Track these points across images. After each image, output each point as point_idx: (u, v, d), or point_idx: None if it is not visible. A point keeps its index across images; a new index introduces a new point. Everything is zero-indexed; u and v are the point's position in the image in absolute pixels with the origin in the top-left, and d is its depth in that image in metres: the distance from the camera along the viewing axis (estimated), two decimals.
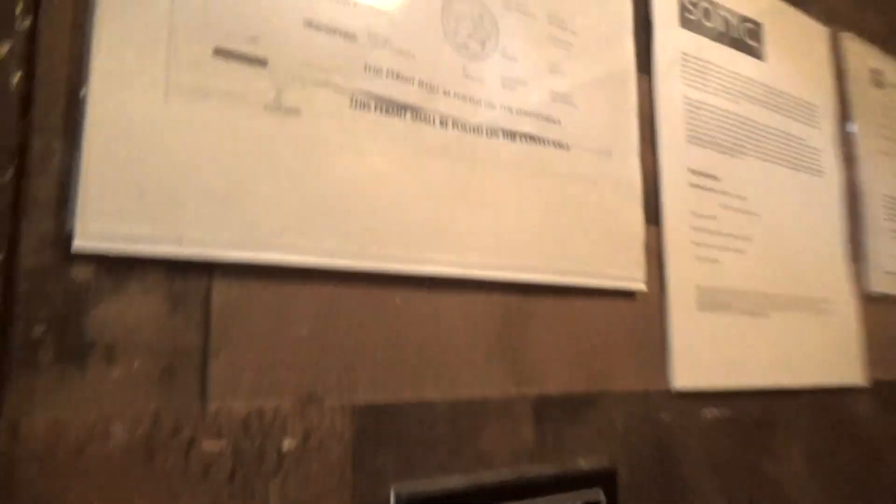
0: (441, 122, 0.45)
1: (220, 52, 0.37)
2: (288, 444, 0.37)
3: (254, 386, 0.36)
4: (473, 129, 0.47)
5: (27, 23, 0.32)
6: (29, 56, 0.32)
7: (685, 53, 0.64)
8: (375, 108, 0.42)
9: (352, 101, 0.41)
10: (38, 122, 0.32)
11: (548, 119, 0.51)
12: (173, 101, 0.35)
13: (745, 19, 0.71)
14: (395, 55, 0.44)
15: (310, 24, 0.40)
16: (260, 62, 0.38)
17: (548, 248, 0.49)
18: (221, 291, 0.36)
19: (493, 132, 0.48)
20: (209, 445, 0.35)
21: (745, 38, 0.70)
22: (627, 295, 0.55)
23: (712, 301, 0.61)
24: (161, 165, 0.34)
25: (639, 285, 0.55)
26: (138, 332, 0.34)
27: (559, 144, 0.52)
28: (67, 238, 0.32)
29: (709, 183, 0.63)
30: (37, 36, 0.33)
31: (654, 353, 0.56)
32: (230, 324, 0.36)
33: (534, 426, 0.47)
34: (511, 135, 0.49)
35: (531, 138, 0.50)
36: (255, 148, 0.37)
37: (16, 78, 0.32)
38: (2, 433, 0.30)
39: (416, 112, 0.44)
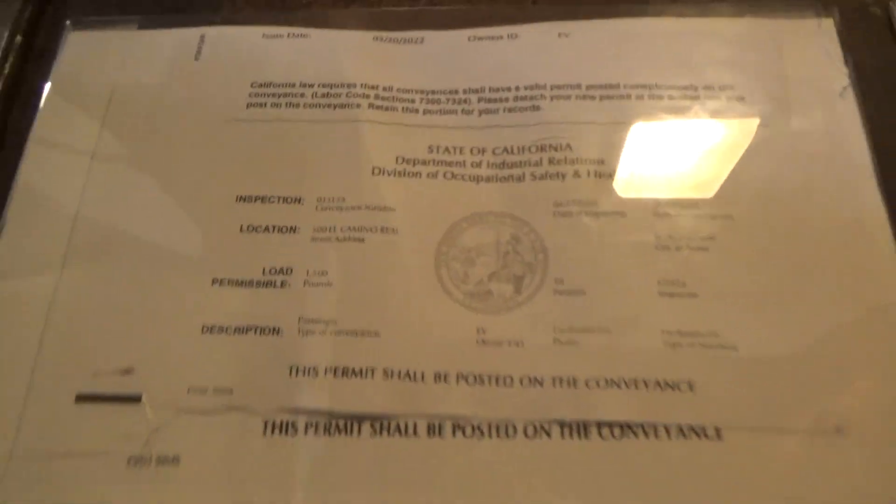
0: (430, 429, 0.28)
1: (83, 398, 0.29)
2: None
3: None
4: (498, 429, 0.28)
5: None
6: None
7: None
8: (306, 429, 0.28)
9: (266, 425, 0.28)
10: None
11: (663, 384, 0.28)
12: (10, 479, 0.28)
13: None
14: (344, 341, 0.30)
15: (210, 329, 0.30)
16: (131, 399, 0.29)
17: None
18: None
19: (540, 428, 0.28)
20: None
21: None
22: None
23: None
24: None
25: None
26: None
27: (696, 431, 0.27)
28: None
29: None
30: None
31: None
32: None
33: None
34: (580, 428, 0.28)
35: (625, 428, 0.28)
36: None
37: None
38: None
39: (380, 422, 0.28)
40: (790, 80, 0.35)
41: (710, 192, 0.32)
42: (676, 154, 0.34)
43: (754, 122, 0.34)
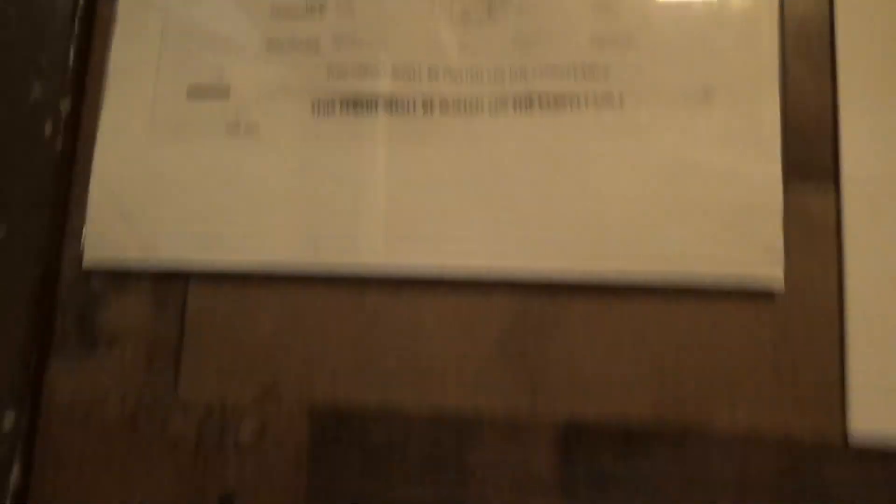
0: (424, 106, 0.41)
1: (192, 91, 0.43)
2: (245, 432, 0.41)
3: (217, 377, 0.41)
4: (468, 107, 0.41)
5: (67, 102, 0.45)
6: (74, 126, 0.45)
7: None
8: (341, 108, 0.42)
9: (313, 106, 0.42)
10: (76, 175, 0.44)
11: (584, 70, 0.40)
12: (155, 142, 0.43)
13: None
14: (363, 49, 0.42)
15: (271, 43, 0.43)
16: (224, 91, 0.43)
17: (591, 234, 0.39)
18: (195, 295, 0.42)
19: (498, 104, 0.41)
20: (177, 424, 0.41)
21: None
22: (753, 297, 0.38)
23: None
24: (143, 195, 0.42)
25: (771, 280, 0.38)
26: (132, 328, 0.43)
27: (605, 99, 0.40)
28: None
29: None
30: (78, 111, 0.45)
31: (811, 386, 0.37)
32: (201, 323, 0.42)
33: (555, 455, 0.38)
34: (525, 102, 0.41)
35: (555, 100, 0.40)
36: (218, 168, 0.42)
37: (61, 143, 0.44)
38: (45, 398, 0.43)
39: (389, 103, 0.41)
40: None
41: None
42: None
43: None
